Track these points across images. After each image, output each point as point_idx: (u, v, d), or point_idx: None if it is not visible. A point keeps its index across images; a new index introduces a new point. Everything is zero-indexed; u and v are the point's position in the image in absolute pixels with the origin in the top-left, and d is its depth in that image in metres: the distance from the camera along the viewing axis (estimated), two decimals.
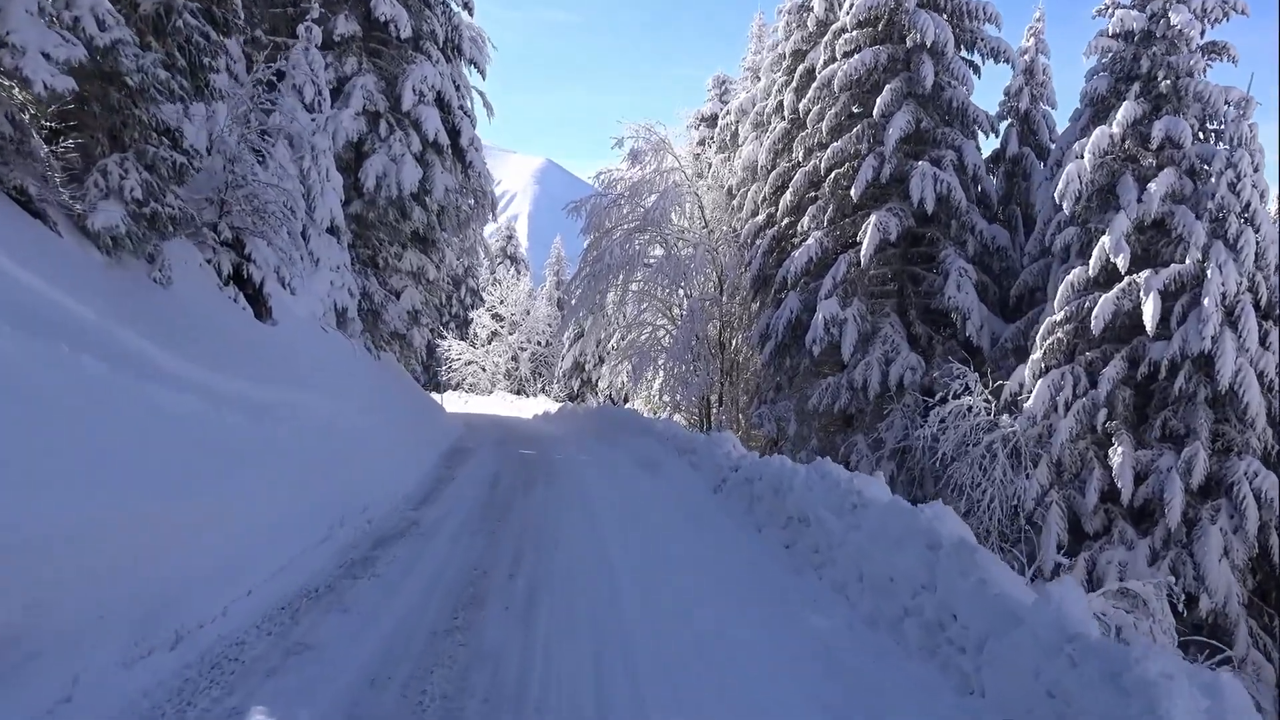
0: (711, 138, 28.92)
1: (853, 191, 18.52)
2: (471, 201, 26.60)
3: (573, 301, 24.44)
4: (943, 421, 15.75)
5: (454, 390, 47.12)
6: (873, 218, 18.14)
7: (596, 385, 42.89)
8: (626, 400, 30.51)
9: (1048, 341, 15.21)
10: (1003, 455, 15.05)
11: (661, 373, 23.58)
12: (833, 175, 19.24)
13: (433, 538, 7.81)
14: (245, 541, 5.98)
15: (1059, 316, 15.16)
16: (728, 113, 26.78)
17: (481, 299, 50.62)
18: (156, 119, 7.78)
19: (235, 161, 9.73)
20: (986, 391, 15.64)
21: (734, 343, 24.07)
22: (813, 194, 20.37)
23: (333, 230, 15.34)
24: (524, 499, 10.20)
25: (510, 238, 53.15)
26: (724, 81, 33.17)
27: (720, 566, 7.03)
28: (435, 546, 7.44)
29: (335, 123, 15.28)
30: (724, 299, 23.09)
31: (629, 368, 25.71)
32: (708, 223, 24.12)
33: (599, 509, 9.62)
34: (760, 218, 21.96)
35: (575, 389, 44.54)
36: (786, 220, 20.86)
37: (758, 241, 21.86)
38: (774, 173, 21.31)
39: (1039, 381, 15.08)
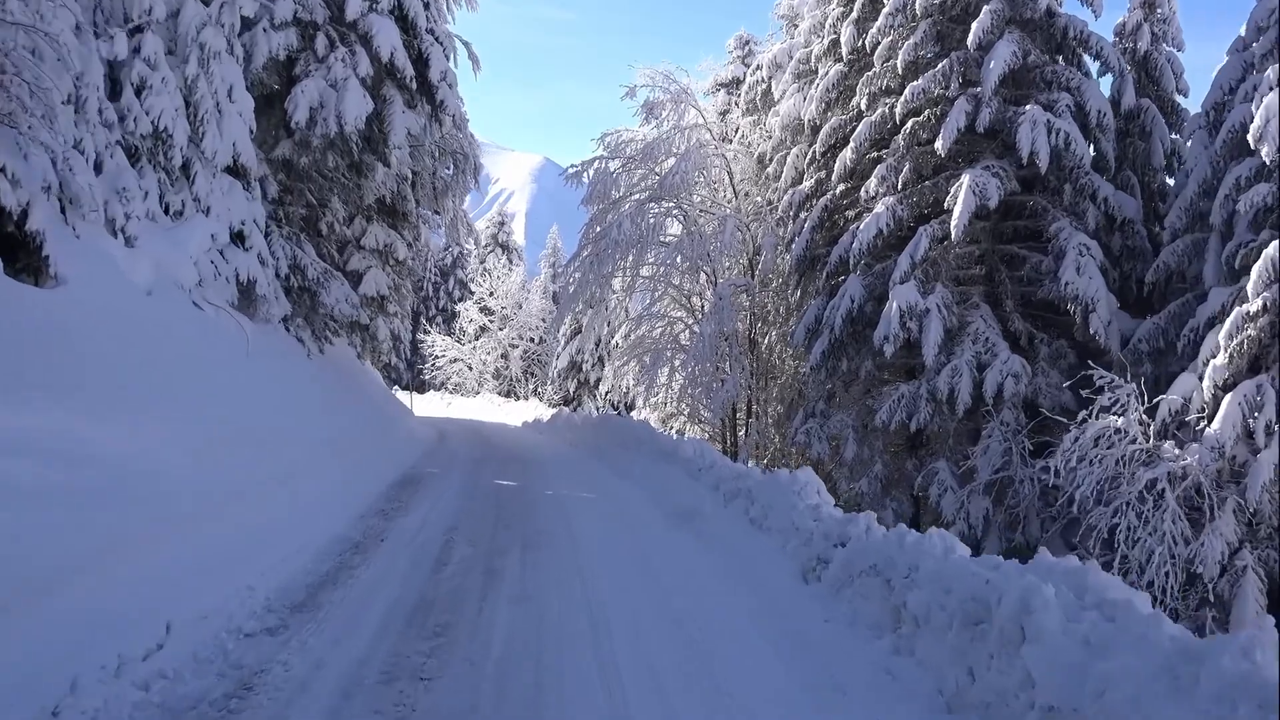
0: (736, 101, 24.56)
1: (938, 144, 14.20)
2: (450, 168, 22.32)
3: (570, 289, 20.07)
4: (1077, 442, 11.43)
5: (437, 391, 42.74)
6: (966, 178, 13.82)
7: (596, 388, 38.48)
8: (630, 408, 26.17)
9: (1236, 341, 10.88)
10: (1173, 499, 10.74)
11: (679, 376, 19.22)
12: (909, 126, 14.93)
13: None
14: None
15: (1254, 306, 10.83)
16: (758, 67, 22.37)
17: (471, 291, 46.27)
18: None
19: None
20: (1141, 409, 11.32)
21: (766, 340, 19.73)
22: (876, 153, 16.08)
23: (238, 173, 11.00)
24: (485, 599, 5.85)
25: (502, 224, 48.74)
26: (747, 42, 28.79)
27: None
28: None
29: (238, 18, 10.88)
30: (756, 286, 18.75)
31: (636, 369, 21.38)
32: (736, 193, 19.79)
33: (619, 627, 5.26)
34: (806, 185, 17.63)
35: (571, 391, 40.17)
36: (843, 186, 16.53)
37: (802, 215, 17.54)
38: (825, 128, 16.96)
39: (1226, 397, 10.77)
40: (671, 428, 24.00)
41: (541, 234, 53.17)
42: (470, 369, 42.25)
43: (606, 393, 24.57)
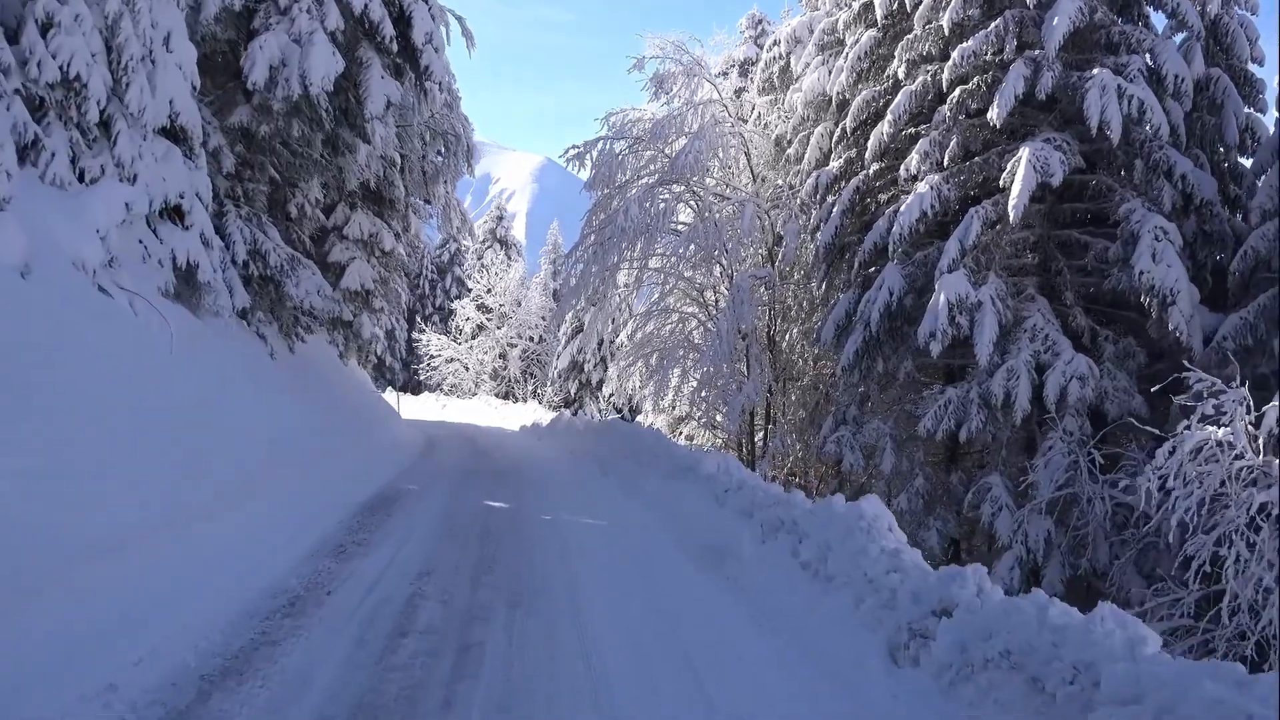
0: (751, 81, 22.81)
1: (992, 114, 12.44)
2: (441, 151, 20.62)
3: (572, 281, 18.30)
4: (1172, 456, 9.65)
5: (433, 392, 41.03)
6: (1024, 151, 12.07)
7: (599, 390, 36.71)
8: (636, 411, 24.43)
9: None
10: None
11: (692, 378, 17.47)
12: (956, 95, 13.17)
13: None
14: None
15: None
16: (775, 42, 20.57)
17: (468, 289, 44.50)
18: None
19: None
20: (1248, 420, 9.56)
21: (786, 338, 18.00)
22: (914, 129, 14.35)
23: (177, 136, 9.25)
24: (452, 706, 4.10)
25: (500, 218, 46.95)
26: (760, 20, 27.12)
27: None
28: None
29: None
30: (776, 278, 16.99)
31: (643, 370, 19.65)
32: (755, 176, 18.06)
33: None
34: (834, 165, 15.88)
35: (572, 393, 38.43)
36: (877, 166, 14.79)
37: (829, 199, 15.80)
38: (856, 101, 15.22)
39: None
40: (680, 433, 22.28)
41: (542, 234, 51.49)
42: (467, 369, 40.52)
43: (610, 395, 22.86)
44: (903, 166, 13.73)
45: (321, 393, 13.84)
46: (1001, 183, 12.36)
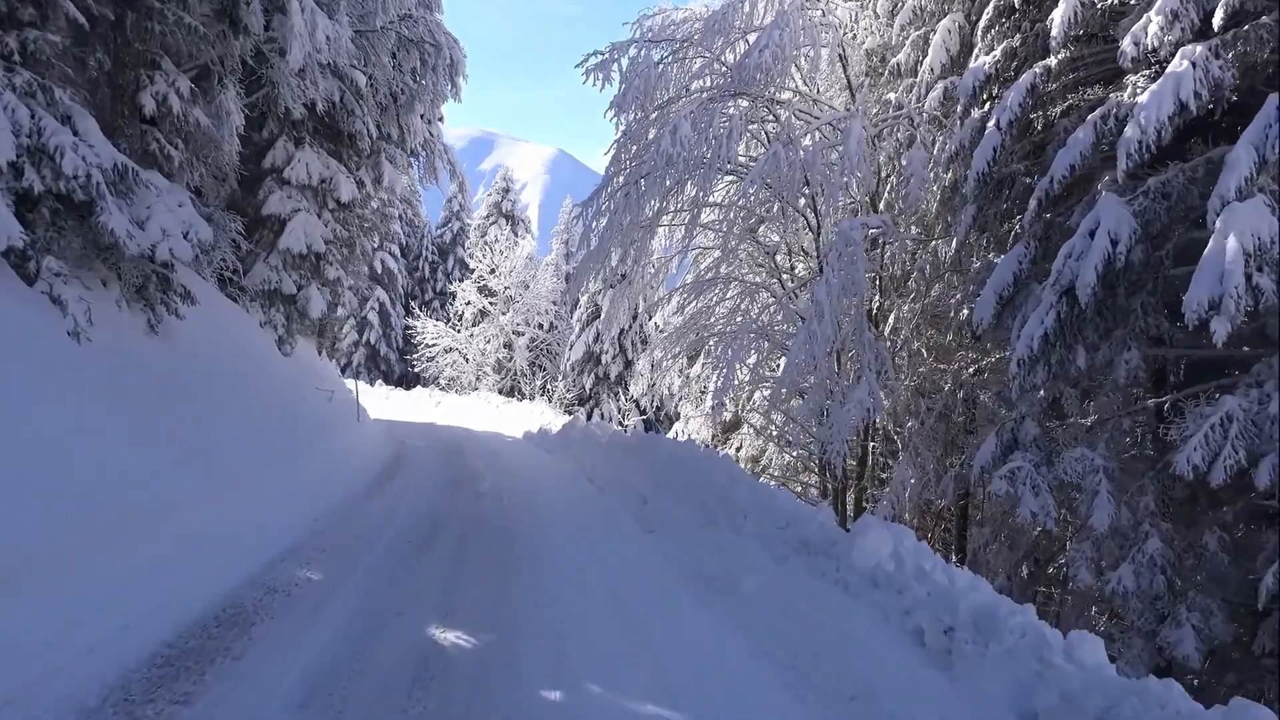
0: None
1: None
2: (418, 65, 15.58)
3: (593, 242, 13.12)
4: None
5: (427, 387, 36.04)
6: None
7: (619, 385, 31.62)
8: (675, 418, 19.34)
9: None
10: None
11: (767, 374, 12.32)
12: None
13: None
14: None
15: None
16: None
17: (470, 270, 39.44)
18: None
19: None
20: None
21: (893, 318, 12.90)
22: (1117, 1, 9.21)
23: None
24: None
25: (507, 191, 41.81)
26: None
27: None
28: None
29: None
30: (895, 229, 11.84)
31: (686, 363, 14.62)
32: (852, 88, 12.93)
33: None
34: (985, 60, 10.69)
35: (587, 389, 33.36)
36: (1065, 54, 9.64)
37: (974, 112, 10.71)
38: None
39: None
40: (730, 444, 17.24)
41: (554, 225, 46.44)
42: (466, 361, 35.49)
43: (640, 394, 17.81)
44: (1126, 40, 8.53)
45: (208, 399, 8.83)
46: None
